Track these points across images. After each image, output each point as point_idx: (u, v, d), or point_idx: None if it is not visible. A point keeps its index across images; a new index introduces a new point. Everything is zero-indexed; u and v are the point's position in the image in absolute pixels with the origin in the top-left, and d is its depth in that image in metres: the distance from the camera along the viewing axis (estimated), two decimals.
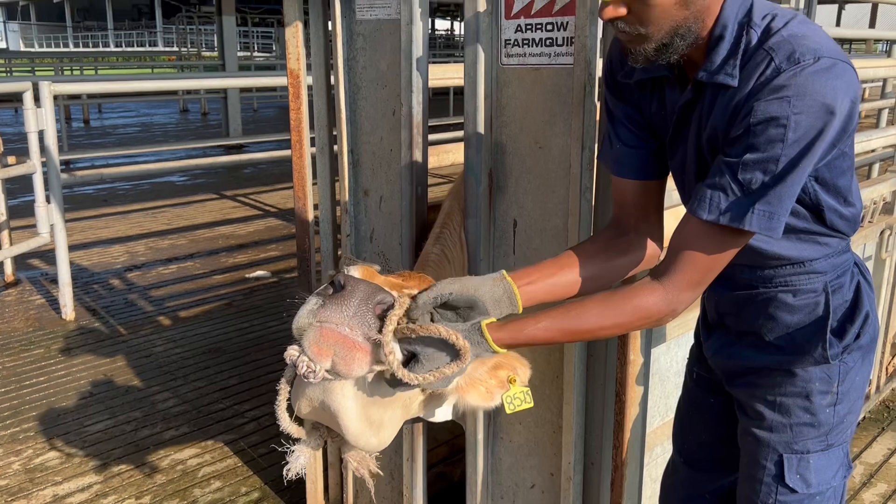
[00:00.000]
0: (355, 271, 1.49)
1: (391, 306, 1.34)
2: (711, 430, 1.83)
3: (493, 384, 1.54)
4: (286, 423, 1.53)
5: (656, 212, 1.62)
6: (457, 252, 2.04)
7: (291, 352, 1.35)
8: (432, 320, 1.37)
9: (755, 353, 1.62)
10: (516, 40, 1.87)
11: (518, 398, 1.56)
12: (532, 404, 1.58)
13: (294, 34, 2.47)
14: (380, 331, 1.32)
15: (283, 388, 1.49)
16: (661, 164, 1.60)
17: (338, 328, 1.30)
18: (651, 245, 1.62)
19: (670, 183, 1.66)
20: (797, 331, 1.56)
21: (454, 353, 1.34)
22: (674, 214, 1.77)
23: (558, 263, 1.53)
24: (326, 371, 1.32)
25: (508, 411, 1.56)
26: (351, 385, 1.44)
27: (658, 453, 2.38)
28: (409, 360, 1.36)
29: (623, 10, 1.30)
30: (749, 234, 1.35)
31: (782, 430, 1.59)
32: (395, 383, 1.37)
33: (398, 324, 1.33)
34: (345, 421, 1.46)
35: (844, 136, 1.31)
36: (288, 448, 1.58)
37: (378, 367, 1.36)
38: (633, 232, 1.60)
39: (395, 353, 1.33)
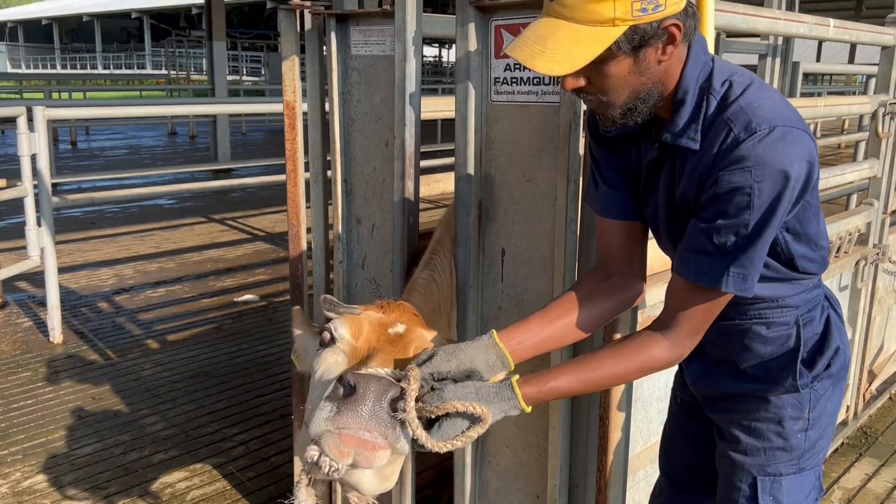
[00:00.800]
0: (343, 328, 1.56)
1: (402, 395, 1.37)
2: (695, 452, 1.91)
3: None
4: None
5: (641, 252, 1.71)
6: (445, 277, 2.12)
7: (311, 452, 1.37)
8: (432, 388, 1.43)
9: (732, 381, 1.70)
10: (505, 78, 1.96)
11: None
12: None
13: (291, 67, 2.55)
14: (397, 413, 1.35)
15: (304, 484, 1.50)
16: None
17: (356, 433, 1.33)
18: (635, 286, 1.70)
19: None
20: (770, 361, 1.65)
21: (474, 417, 1.41)
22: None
23: (546, 318, 1.60)
24: (349, 466, 1.36)
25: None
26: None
27: (641, 477, 2.44)
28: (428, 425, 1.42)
29: (582, 82, 1.39)
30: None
31: (756, 453, 1.68)
32: (419, 447, 1.42)
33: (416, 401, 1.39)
34: (363, 487, 1.52)
35: (805, 193, 1.41)
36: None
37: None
38: (617, 275, 1.68)
39: (421, 434, 1.38)
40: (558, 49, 1.32)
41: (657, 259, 2.01)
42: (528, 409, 1.45)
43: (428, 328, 1.68)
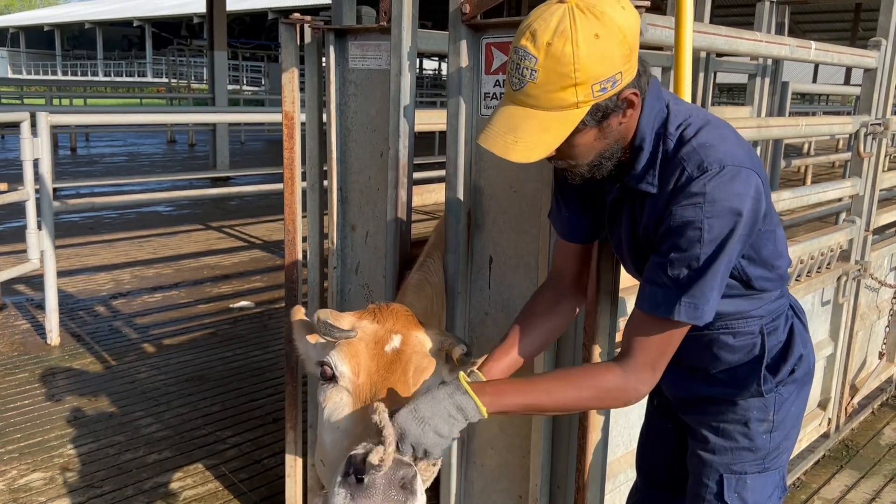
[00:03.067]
0: (342, 364, 1.63)
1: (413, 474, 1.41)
2: (669, 453, 2.00)
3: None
4: None
5: (588, 269, 1.86)
6: (437, 278, 2.20)
7: None
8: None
9: (703, 385, 1.81)
10: (495, 94, 2.06)
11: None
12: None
13: (290, 79, 2.65)
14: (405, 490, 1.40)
15: None
16: (602, 229, 1.80)
17: None
18: (580, 298, 1.85)
19: None
20: (737, 367, 1.76)
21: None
22: None
23: (505, 348, 1.69)
24: None
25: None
26: None
27: (622, 480, 2.52)
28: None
29: (552, 152, 1.47)
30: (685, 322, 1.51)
31: (724, 452, 1.78)
32: None
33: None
34: None
35: (756, 225, 1.50)
36: None
37: None
38: (570, 285, 1.81)
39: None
40: (530, 138, 1.40)
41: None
42: (486, 416, 1.48)
43: (421, 326, 1.77)
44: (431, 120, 3.17)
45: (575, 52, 1.33)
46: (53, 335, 5.17)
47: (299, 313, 1.90)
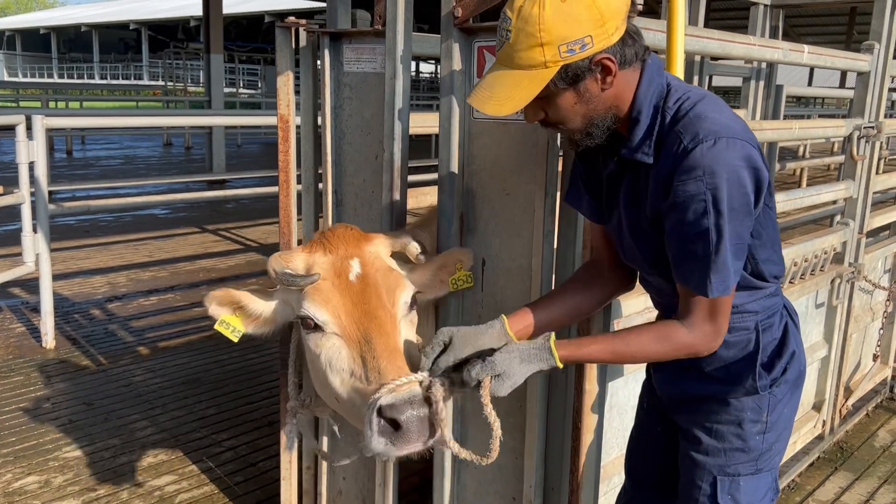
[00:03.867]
0: (322, 312, 1.76)
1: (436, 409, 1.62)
2: (660, 455, 2.00)
3: (444, 275, 1.97)
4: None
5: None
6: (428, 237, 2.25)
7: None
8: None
9: (696, 384, 1.80)
10: None
11: (461, 280, 1.95)
12: (472, 285, 1.97)
13: (285, 82, 2.65)
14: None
15: None
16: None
17: (413, 448, 1.61)
18: (624, 276, 1.88)
19: None
20: (732, 364, 1.76)
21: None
22: None
23: (548, 304, 1.83)
24: None
25: (451, 289, 1.95)
26: None
27: (616, 483, 2.52)
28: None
29: (542, 114, 1.60)
30: None
31: (717, 454, 1.78)
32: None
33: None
34: None
35: (761, 196, 1.54)
36: None
37: None
38: (607, 267, 1.87)
39: (450, 440, 1.71)
40: (502, 93, 1.52)
41: None
42: (561, 366, 1.63)
43: (368, 237, 1.88)
44: (427, 123, 3.18)
45: (541, 13, 1.43)
46: (48, 338, 5.16)
47: (213, 299, 1.95)
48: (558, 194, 1.99)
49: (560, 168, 2.00)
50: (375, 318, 1.73)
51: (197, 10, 16.41)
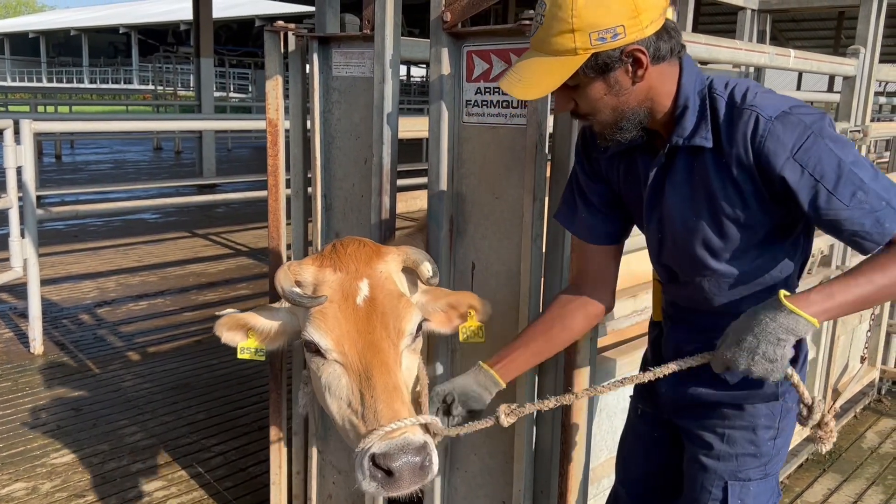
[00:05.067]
0: (324, 338, 1.73)
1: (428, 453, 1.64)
2: (655, 461, 1.98)
3: (453, 314, 1.91)
4: None
5: (614, 272, 1.86)
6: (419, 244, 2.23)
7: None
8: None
9: (709, 389, 1.75)
10: (476, 101, 2.08)
11: (472, 332, 1.89)
12: (484, 340, 1.90)
13: (274, 86, 2.65)
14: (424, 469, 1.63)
15: None
16: (626, 228, 1.84)
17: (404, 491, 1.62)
18: (605, 301, 1.86)
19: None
20: None
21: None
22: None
23: (524, 340, 1.84)
24: None
25: (461, 339, 1.90)
26: None
27: (605, 485, 2.53)
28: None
29: (572, 104, 1.58)
30: None
31: (729, 459, 1.76)
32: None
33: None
34: None
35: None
36: None
37: None
38: (588, 293, 1.84)
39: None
40: (531, 78, 1.51)
41: (624, 275, 2.11)
42: (812, 320, 1.44)
43: (380, 251, 1.84)
44: (417, 127, 3.18)
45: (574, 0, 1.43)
46: (37, 344, 5.13)
47: (222, 327, 1.92)
48: (547, 199, 2.00)
49: (549, 172, 2.00)
50: (379, 352, 1.71)
51: (187, 14, 16.37)
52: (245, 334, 1.91)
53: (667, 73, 1.55)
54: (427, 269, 1.85)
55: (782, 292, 1.44)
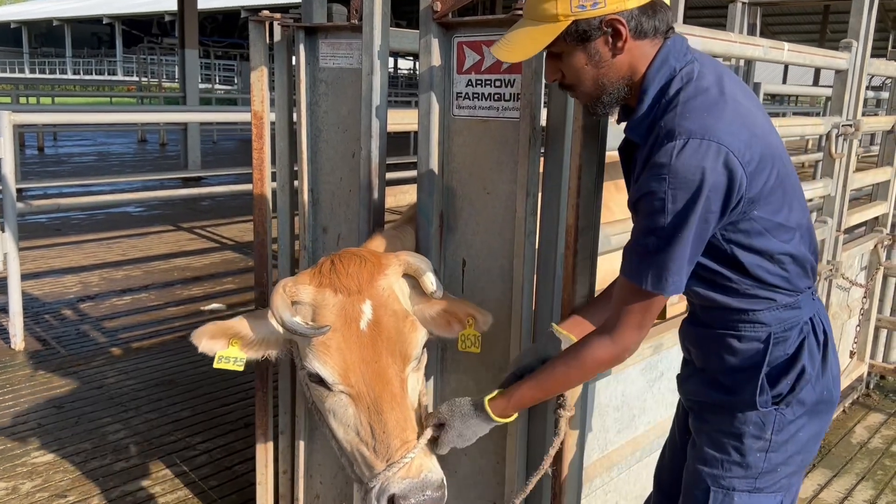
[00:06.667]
0: (330, 372, 1.69)
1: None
2: (678, 464, 1.93)
3: (452, 319, 1.86)
4: None
5: None
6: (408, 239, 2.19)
7: None
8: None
9: (706, 389, 1.76)
10: (467, 94, 2.02)
11: (469, 340, 1.86)
12: (479, 350, 1.87)
13: (259, 78, 2.59)
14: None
15: None
16: None
17: None
18: None
19: None
20: (738, 372, 1.69)
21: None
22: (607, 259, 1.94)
23: (583, 312, 1.89)
24: None
25: (459, 348, 1.85)
26: None
27: (597, 485, 2.50)
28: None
29: (559, 74, 1.61)
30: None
31: (714, 464, 1.72)
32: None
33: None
34: None
35: (728, 204, 1.49)
36: None
37: None
38: None
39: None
40: (516, 42, 1.56)
41: (610, 271, 2.05)
42: (501, 420, 1.70)
43: (380, 262, 1.77)
44: (406, 120, 3.12)
45: None
46: (17, 340, 5.04)
47: (202, 336, 1.85)
48: (540, 194, 1.95)
49: (542, 168, 1.95)
50: (387, 384, 1.66)
51: (171, 4, 16.19)
52: (227, 342, 1.83)
53: (648, 52, 1.56)
54: (430, 282, 1.82)
55: (486, 399, 1.70)
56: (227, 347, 1.82)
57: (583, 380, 1.71)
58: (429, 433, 1.69)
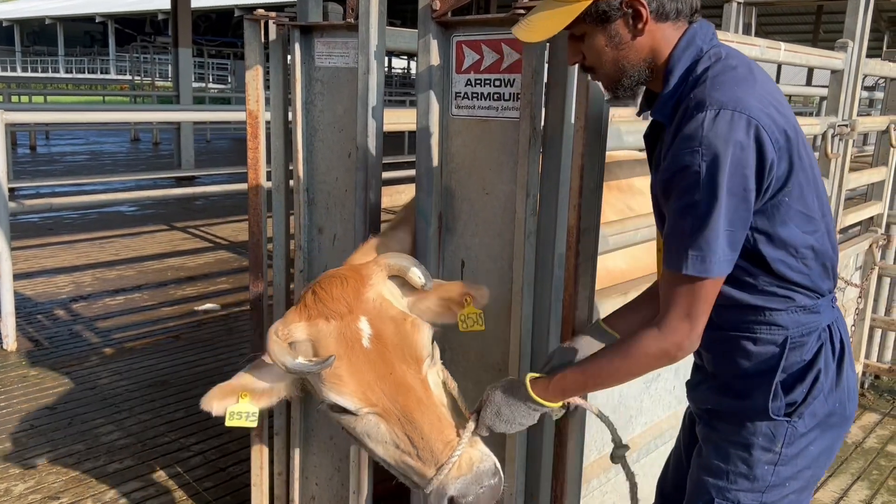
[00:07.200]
0: (351, 400, 1.66)
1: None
2: (681, 472, 1.89)
3: (451, 304, 1.82)
4: None
5: None
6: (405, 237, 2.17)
7: None
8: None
9: (715, 395, 1.69)
10: (466, 93, 2.01)
11: (470, 319, 1.81)
12: (483, 328, 1.81)
13: (254, 77, 2.57)
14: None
15: None
16: None
17: None
18: None
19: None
20: (750, 377, 1.62)
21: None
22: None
23: (627, 307, 1.85)
24: None
25: (461, 329, 1.80)
26: None
27: (595, 486, 2.49)
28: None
29: (580, 56, 1.59)
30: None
31: (719, 475, 1.66)
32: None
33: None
34: None
35: (762, 179, 1.44)
36: None
37: None
38: None
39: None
40: (536, 22, 1.52)
41: (602, 270, 2.05)
42: (541, 401, 1.65)
43: (361, 274, 1.73)
44: (401, 119, 3.11)
45: None
46: (10, 340, 5.00)
47: (211, 400, 1.80)
48: (539, 195, 1.93)
49: (540, 168, 1.94)
50: (409, 390, 1.63)
51: (165, 3, 16.12)
52: (237, 398, 1.80)
53: (670, 34, 1.53)
54: (416, 276, 1.76)
55: (529, 376, 1.67)
56: (237, 402, 1.78)
57: (629, 374, 1.60)
58: (471, 426, 1.66)
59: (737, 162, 1.39)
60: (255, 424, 1.80)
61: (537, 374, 1.69)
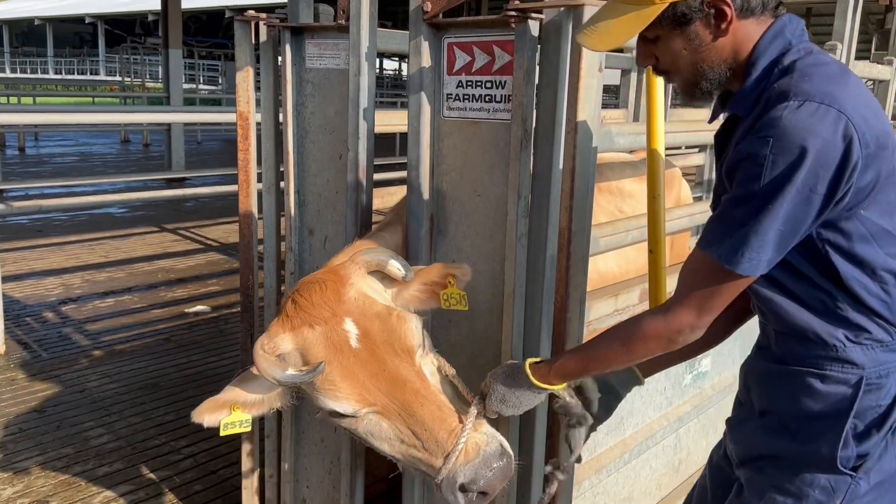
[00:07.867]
0: (351, 403, 1.65)
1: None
2: None
3: (436, 287, 1.80)
4: None
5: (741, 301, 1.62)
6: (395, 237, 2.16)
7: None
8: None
9: (769, 437, 1.53)
10: (457, 95, 2.00)
11: (453, 298, 1.80)
12: (467, 308, 1.81)
13: (245, 78, 2.56)
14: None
15: None
16: None
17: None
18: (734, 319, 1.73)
19: None
20: (815, 420, 1.45)
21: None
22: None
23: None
24: None
25: (444, 307, 1.79)
26: None
27: (586, 487, 2.49)
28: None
29: (653, 59, 1.49)
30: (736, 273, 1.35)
31: None
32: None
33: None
34: None
35: (839, 183, 1.30)
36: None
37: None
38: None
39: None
40: (605, 28, 1.42)
41: (594, 272, 2.05)
42: (542, 385, 1.64)
43: (339, 274, 1.71)
44: (392, 121, 3.11)
45: None
46: None
47: (202, 414, 1.80)
48: (530, 197, 1.93)
49: (532, 169, 1.94)
50: (405, 384, 1.63)
51: (155, 4, 16.06)
52: (228, 410, 1.80)
53: (753, 31, 1.41)
54: (395, 267, 1.73)
55: (529, 361, 1.66)
56: (229, 414, 1.78)
57: (627, 357, 1.51)
58: (474, 411, 1.67)
59: (814, 158, 1.26)
60: (249, 429, 1.82)
61: (538, 359, 1.68)
